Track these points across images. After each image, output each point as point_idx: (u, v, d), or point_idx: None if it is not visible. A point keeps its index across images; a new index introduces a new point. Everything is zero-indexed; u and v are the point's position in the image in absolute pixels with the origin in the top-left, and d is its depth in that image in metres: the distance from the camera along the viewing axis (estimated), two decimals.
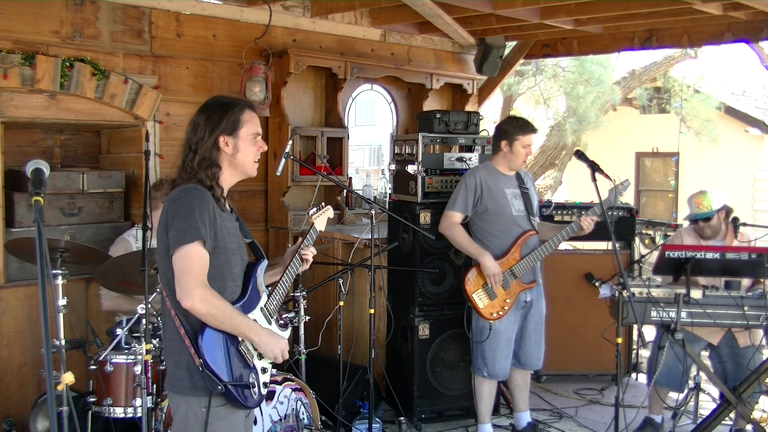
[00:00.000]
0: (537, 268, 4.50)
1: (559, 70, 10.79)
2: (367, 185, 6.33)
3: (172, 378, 2.60)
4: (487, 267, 4.29)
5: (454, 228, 4.42)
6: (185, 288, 2.44)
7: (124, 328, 3.77)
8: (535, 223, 4.46)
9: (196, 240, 2.46)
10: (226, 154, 2.61)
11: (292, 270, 2.92)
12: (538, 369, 4.71)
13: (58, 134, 5.12)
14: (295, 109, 5.76)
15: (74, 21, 4.60)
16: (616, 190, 4.36)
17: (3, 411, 4.45)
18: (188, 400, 2.55)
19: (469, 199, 4.39)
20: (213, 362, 2.48)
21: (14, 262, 4.41)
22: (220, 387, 2.47)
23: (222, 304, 2.49)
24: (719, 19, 5.49)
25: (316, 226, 3.08)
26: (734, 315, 4.08)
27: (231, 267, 2.61)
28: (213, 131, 2.58)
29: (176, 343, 2.55)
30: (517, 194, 4.44)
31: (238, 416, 2.64)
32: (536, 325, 4.52)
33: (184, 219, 2.47)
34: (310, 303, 4.70)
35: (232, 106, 2.62)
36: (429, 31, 6.34)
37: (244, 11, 5.40)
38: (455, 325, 4.80)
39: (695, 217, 4.52)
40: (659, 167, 13.80)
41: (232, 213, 2.71)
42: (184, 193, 2.53)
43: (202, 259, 2.48)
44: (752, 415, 4.21)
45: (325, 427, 4.38)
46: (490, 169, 4.49)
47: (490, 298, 4.35)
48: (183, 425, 2.59)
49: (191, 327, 2.51)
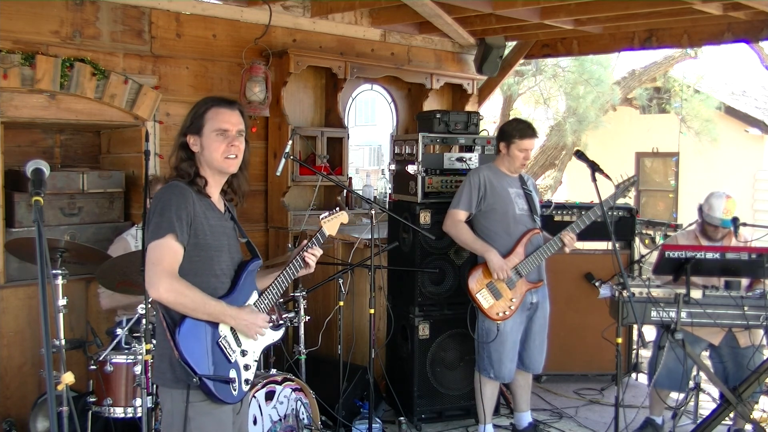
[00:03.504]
0: (542, 268, 4.49)
1: (559, 70, 10.79)
2: (367, 185, 6.34)
3: (157, 370, 2.68)
4: (493, 262, 4.27)
5: (458, 225, 4.42)
6: (151, 279, 2.51)
7: (124, 328, 3.77)
8: (539, 222, 4.45)
9: (169, 234, 2.52)
10: (199, 153, 2.67)
11: (291, 271, 2.90)
12: (539, 373, 4.69)
13: (58, 134, 5.12)
14: (295, 109, 5.75)
15: (74, 21, 4.60)
16: (624, 185, 4.31)
17: (3, 411, 4.45)
18: (172, 393, 2.62)
19: (473, 197, 4.39)
20: (189, 355, 2.52)
21: (14, 262, 4.41)
22: (195, 379, 2.51)
23: (191, 293, 2.53)
24: (719, 19, 5.49)
25: (324, 230, 3.04)
26: (734, 315, 4.08)
27: (214, 263, 2.65)
28: (182, 131, 2.68)
29: (162, 337, 2.63)
30: (520, 194, 4.44)
31: (224, 412, 2.66)
32: (540, 328, 4.50)
33: (160, 214, 2.55)
34: (310, 303, 4.69)
35: (199, 106, 2.69)
36: (429, 31, 6.34)
37: (244, 11, 5.40)
38: (455, 325, 4.80)
39: (723, 223, 4.40)
40: (659, 167, 13.79)
41: (225, 213, 2.76)
42: (164, 190, 2.63)
43: (173, 252, 2.53)
44: (752, 415, 4.21)
45: (325, 427, 4.39)
46: (493, 169, 4.50)
47: (495, 298, 4.33)
48: (169, 419, 2.65)
49: (172, 320, 2.56)
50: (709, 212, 4.46)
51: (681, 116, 11.20)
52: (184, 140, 2.67)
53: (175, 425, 2.60)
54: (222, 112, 2.67)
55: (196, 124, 2.65)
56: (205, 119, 2.65)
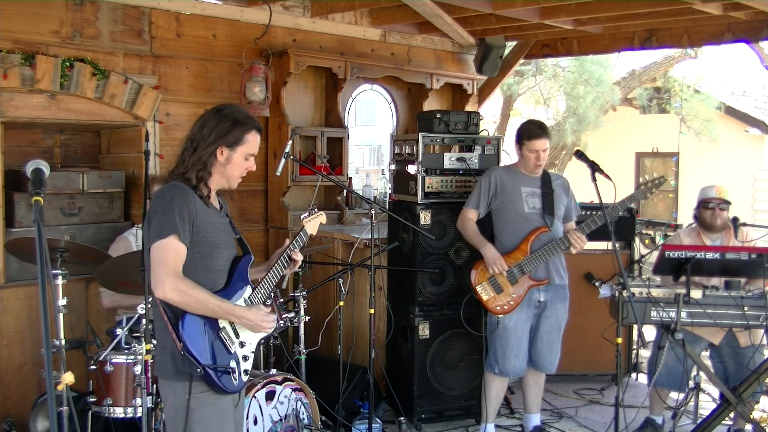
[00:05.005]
0: (557, 268, 4.45)
1: (559, 70, 10.80)
2: (367, 185, 6.34)
3: (159, 364, 2.74)
4: (487, 256, 4.33)
5: (465, 223, 4.53)
6: (157, 278, 2.57)
7: (124, 328, 3.77)
8: (551, 222, 4.38)
9: (172, 234, 2.59)
10: (219, 163, 2.75)
11: (278, 269, 3.02)
12: (551, 374, 4.67)
13: (58, 134, 5.12)
14: (295, 109, 5.76)
15: (74, 21, 4.60)
16: (646, 187, 4.28)
17: (3, 411, 4.45)
18: (174, 386, 2.68)
19: (483, 197, 4.47)
20: (193, 346, 2.60)
21: (14, 262, 4.41)
22: (199, 370, 2.59)
23: (195, 292, 2.60)
24: (719, 19, 5.49)
25: (306, 230, 3.20)
26: (734, 315, 4.08)
27: (213, 260, 2.74)
28: (217, 139, 2.73)
29: (163, 332, 2.69)
30: (535, 193, 4.43)
31: (225, 403, 2.75)
32: (551, 328, 4.48)
33: (163, 214, 2.61)
34: (310, 303, 4.70)
35: (242, 124, 2.76)
36: (429, 31, 6.34)
37: (244, 11, 5.40)
38: (455, 325, 4.80)
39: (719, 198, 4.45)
40: (659, 167, 13.79)
41: (221, 210, 2.86)
42: (166, 189, 2.69)
43: (177, 252, 2.60)
44: (752, 415, 4.21)
45: (325, 427, 4.38)
46: (510, 170, 4.55)
47: (496, 292, 4.36)
48: (172, 412, 2.71)
49: (173, 314, 2.63)
50: (703, 196, 4.54)
51: (681, 116, 11.21)
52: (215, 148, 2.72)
53: (178, 417, 2.66)
54: (258, 138, 2.82)
55: (233, 139, 2.74)
56: (245, 140, 2.76)
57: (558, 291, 4.48)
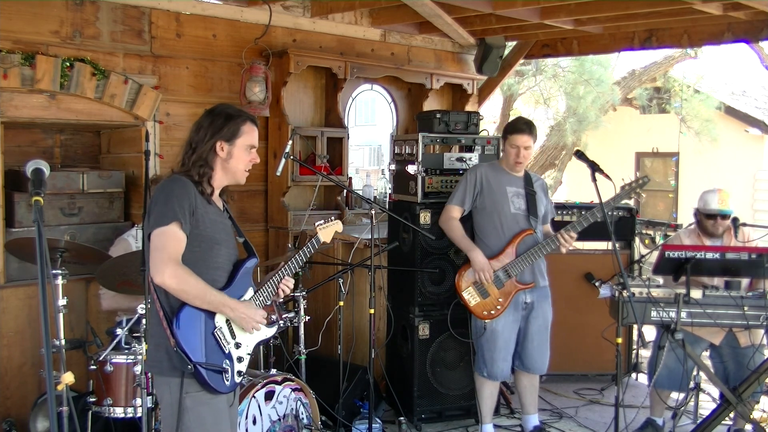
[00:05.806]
0: (541, 270, 4.46)
1: (559, 70, 10.80)
2: (367, 185, 6.34)
3: (152, 360, 2.74)
4: (476, 262, 4.30)
5: (450, 222, 4.47)
6: (156, 264, 2.58)
7: (124, 328, 3.77)
8: (536, 224, 4.41)
9: (173, 221, 2.61)
10: (221, 158, 2.78)
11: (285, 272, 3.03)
12: (543, 374, 4.67)
13: (58, 134, 5.12)
14: (295, 109, 5.75)
15: (74, 21, 4.60)
16: (630, 187, 4.25)
17: (3, 411, 4.45)
18: (169, 383, 2.67)
19: (468, 194, 4.42)
20: (186, 343, 2.61)
21: (14, 262, 4.41)
22: (189, 366, 2.59)
23: (194, 281, 2.61)
24: (719, 19, 5.49)
25: (319, 236, 3.20)
26: (734, 315, 4.08)
27: (213, 256, 2.75)
28: (213, 135, 2.76)
29: (158, 327, 2.69)
30: (519, 194, 4.41)
31: (220, 402, 2.75)
32: (539, 329, 4.47)
33: (163, 203, 2.64)
34: (310, 303, 4.70)
35: (235, 117, 2.81)
36: (429, 31, 6.34)
37: (244, 11, 5.40)
38: (455, 326, 4.80)
39: (721, 212, 4.41)
40: (659, 167, 13.80)
41: (224, 211, 2.87)
42: (167, 181, 2.73)
43: (177, 239, 2.62)
44: (752, 415, 4.21)
45: (325, 427, 4.39)
46: (494, 167, 4.51)
47: (482, 297, 4.33)
48: (169, 410, 2.71)
49: (170, 308, 2.63)
50: (705, 207, 4.49)
51: (681, 116, 11.21)
52: (214, 143, 2.75)
53: (174, 414, 2.66)
54: (254, 129, 2.85)
55: (229, 133, 2.77)
56: (241, 132, 2.79)
57: (542, 291, 4.49)
